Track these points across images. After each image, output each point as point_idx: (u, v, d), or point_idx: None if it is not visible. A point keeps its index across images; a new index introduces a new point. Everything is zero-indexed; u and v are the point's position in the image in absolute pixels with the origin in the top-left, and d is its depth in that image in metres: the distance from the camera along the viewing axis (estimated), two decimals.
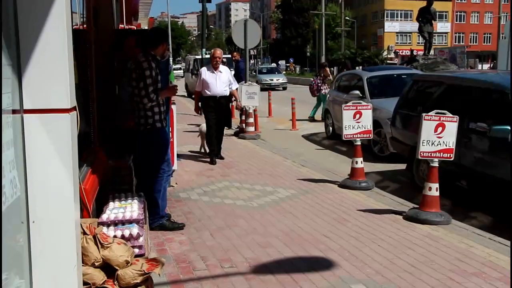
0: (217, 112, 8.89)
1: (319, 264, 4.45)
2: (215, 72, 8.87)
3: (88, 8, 5.51)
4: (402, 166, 8.19)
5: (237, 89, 9.77)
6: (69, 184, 2.75)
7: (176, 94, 5.92)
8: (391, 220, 5.69)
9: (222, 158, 9.14)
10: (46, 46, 2.64)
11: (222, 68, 9.04)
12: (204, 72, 8.97)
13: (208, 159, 9.00)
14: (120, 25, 10.29)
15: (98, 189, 4.32)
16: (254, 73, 35.31)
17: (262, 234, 5.25)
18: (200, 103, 9.16)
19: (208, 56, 19.55)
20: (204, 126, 9.41)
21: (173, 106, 6.95)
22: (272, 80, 34.50)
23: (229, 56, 18.57)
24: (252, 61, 56.42)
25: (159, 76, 5.15)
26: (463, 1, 76.84)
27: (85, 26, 5.44)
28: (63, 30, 2.66)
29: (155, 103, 5.12)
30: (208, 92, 8.83)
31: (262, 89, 27.84)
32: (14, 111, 2.56)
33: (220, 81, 8.84)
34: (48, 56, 2.65)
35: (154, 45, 5.19)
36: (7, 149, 2.39)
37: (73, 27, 3.11)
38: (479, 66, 42.48)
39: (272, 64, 53.04)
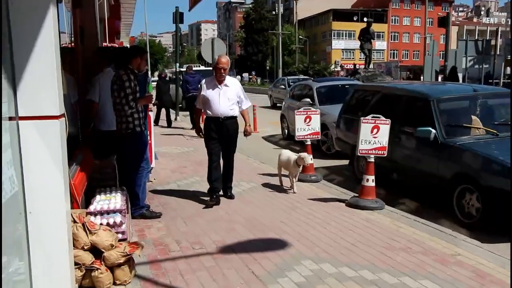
0: (220, 138, 5.93)
1: (275, 245, 4.52)
2: (219, 86, 5.86)
3: (75, 29, 5.49)
4: (345, 162, 8.35)
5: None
6: (60, 180, 2.77)
7: (152, 102, 5.88)
8: (336, 207, 5.82)
9: (232, 197, 6.25)
10: (37, 63, 2.65)
11: (230, 81, 5.98)
12: (204, 85, 5.97)
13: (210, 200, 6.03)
14: (104, 43, 10.19)
15: (86, 184, 4.32)
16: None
17: (227, 221, 5.30)
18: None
19: (183, 69, 17.55)
20: (283, 153, 6.90)
21: (150, 113, 6.93)
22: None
23: (210, 68, 17.82)
24: None
25: (137, 87, 5.15)
26: (396, 24, 78.62)
27: (72, 44, 5.41)
28: (52, 49, 2.68)
29: (134, 110, 5.12)
30: (209, 112, 5.92)
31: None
32: (10, 118, 2.57)
33: (224, 97, 5.84)
34: (40, 70, 2.66)
35: (129, 60, 5.18)
36: (5, 150, 2.40)
37: (62, 45, 3.11)
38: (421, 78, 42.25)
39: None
